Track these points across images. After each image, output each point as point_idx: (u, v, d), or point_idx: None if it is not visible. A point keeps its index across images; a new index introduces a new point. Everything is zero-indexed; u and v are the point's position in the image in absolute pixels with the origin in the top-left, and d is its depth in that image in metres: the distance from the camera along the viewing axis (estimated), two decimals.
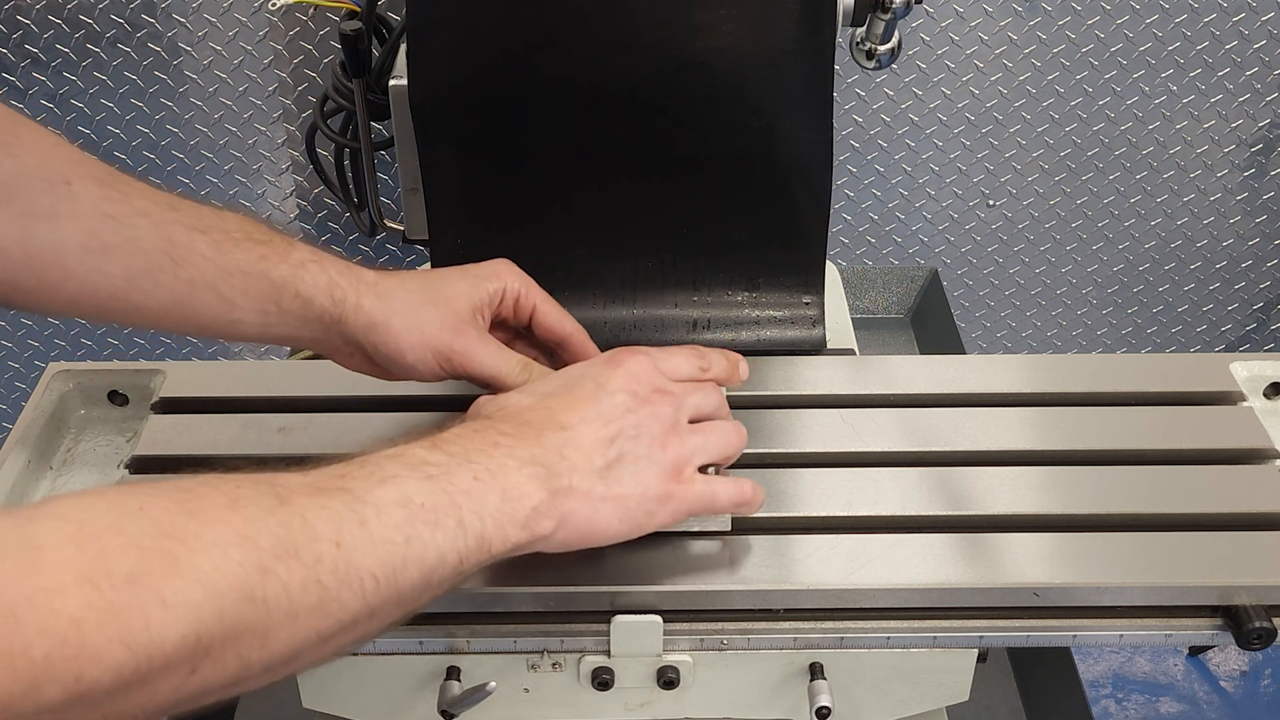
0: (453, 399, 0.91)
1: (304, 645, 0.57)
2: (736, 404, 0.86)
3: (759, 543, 0.80)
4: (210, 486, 0.57)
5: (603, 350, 0.88)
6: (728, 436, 0.77)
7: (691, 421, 0.76)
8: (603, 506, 0.70)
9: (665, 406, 0.74)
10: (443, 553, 0.62)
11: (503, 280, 0.84)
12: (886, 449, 0.88)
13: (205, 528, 0.54)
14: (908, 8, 0.98)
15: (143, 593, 0.51)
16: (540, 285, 0.87)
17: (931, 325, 1.60)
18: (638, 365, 0.75)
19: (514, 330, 0.89)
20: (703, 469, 0.75)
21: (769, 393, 0.93)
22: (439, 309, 0.80)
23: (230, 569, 0.54)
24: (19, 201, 0.73)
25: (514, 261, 0.87)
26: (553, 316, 0.86)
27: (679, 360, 0.79)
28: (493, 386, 0.81)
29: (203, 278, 0.76)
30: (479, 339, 0.81)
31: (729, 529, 0.79)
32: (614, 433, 0.71)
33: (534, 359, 0.86)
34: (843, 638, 0.79)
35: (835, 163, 1.01)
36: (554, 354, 0.89)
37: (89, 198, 0.75)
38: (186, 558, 0.53)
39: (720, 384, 0.81)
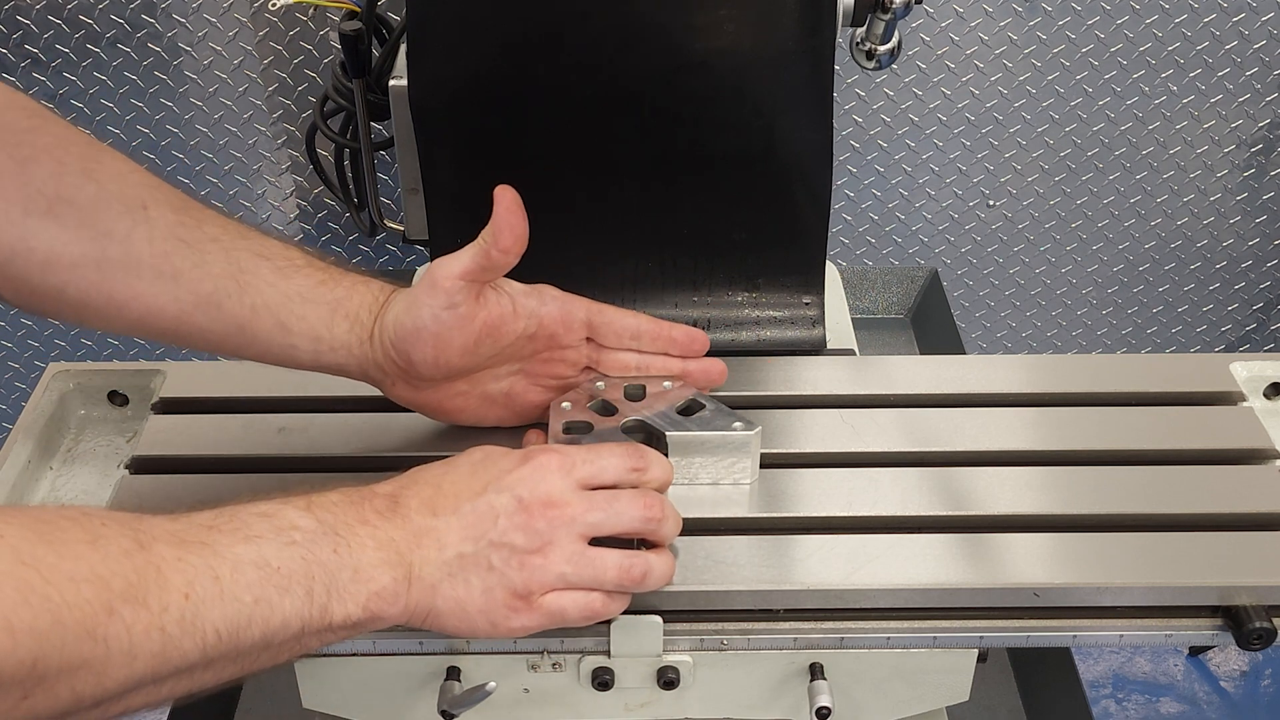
0: None
1: (140, 685, 0.59)
2: (737, 404, 0.87)
3: (759, 543, 0.80)
4: (72, 521, 0.58)
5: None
6: (603, 567, 0.71)
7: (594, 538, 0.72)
8: (443, 604, 0.70)
9: (542, 521, 0.70)
10: (287, 618, 0.63)
11: (529, 290, 0.83)
12: (886, 449, 0.88)
13: (63, 560, 0.56)
14: (908, 8, 0.98)
15: None
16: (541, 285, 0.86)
17: (931, 325, 1.60)
18: (542, 469, 0.72)
19: (573, 362, 0.87)
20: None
21: (769, 393, 0.93)
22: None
23: (79, 604, 0.55)
24: (98, 224, 0.76)
25: (514, 262, 0.87)
26: (610, 311, 0.86)
27: (609, 461, 0.74)
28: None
29: (264, 303, 0.79)
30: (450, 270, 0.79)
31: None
32: (477, 534, 0.70)
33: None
34: (843, 638, 0.79)
35: (835, 163, 1.01)
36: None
37: (164, 222, 0.78)
38: (40, 587, 0.54)
39: (658, 489, 0.76)
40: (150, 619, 0.58)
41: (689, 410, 0.84)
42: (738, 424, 0.83)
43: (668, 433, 0.82)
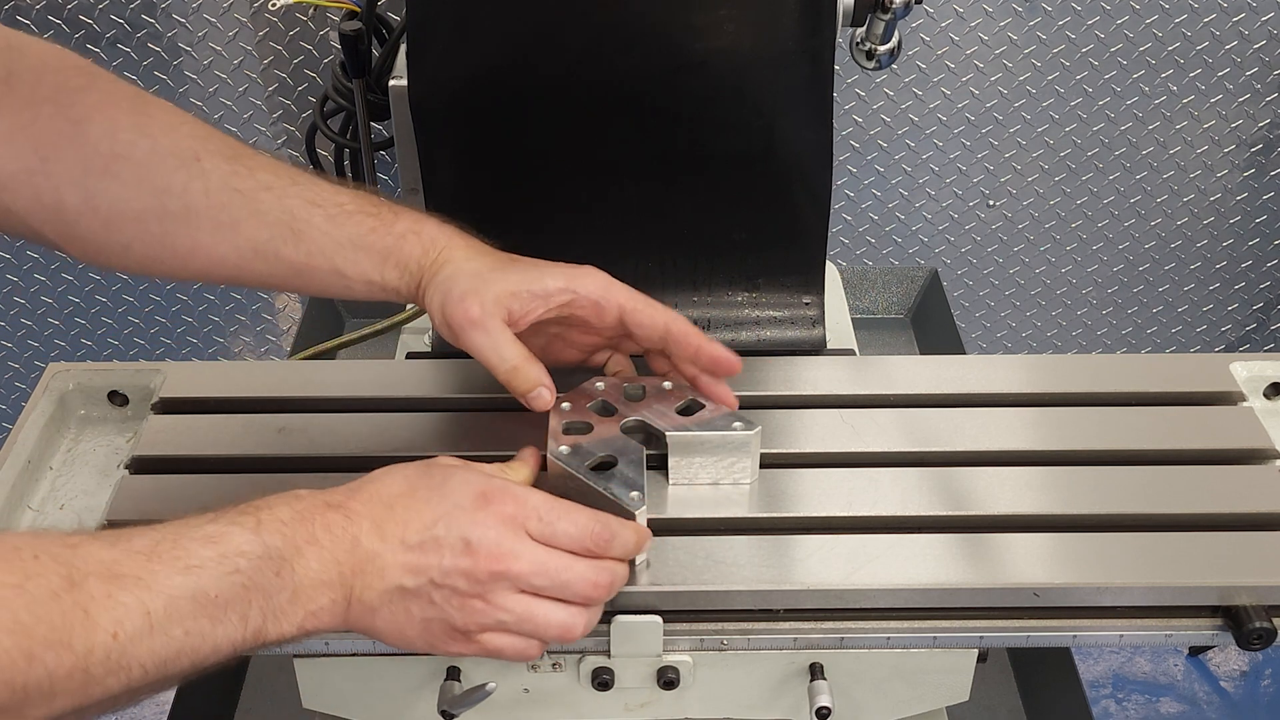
0: (450, 400, 0.91)
1: (60, 717, 0.58)
2: (738, 404, 0.87)
3: (759, 543, 0.80)
4: (3, 561, 0.57)
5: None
6: (544, 624, 0.71)
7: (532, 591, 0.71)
8: (381, 623, 0.70)
9: (484, 572, 0.69)
10: (218, 644, 0.63)
11: (572, 282, 0.82)
12: (886, 449, 0.88)
13: None
14: (908, 8, 0.98)
15: None
16: None
17: (931, 325, 1.60)
18: (496, 517, 0.70)
19: (609, 336, 0.87)
20: None
21: (769, 393, 0.93)
22: (469, 283, 0.80)
23: None
24: (155, 179, 0.79)
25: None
26: (643, 314, 0.84)
27: (565, 526, 0.72)
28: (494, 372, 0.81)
29: (320, 249, 0.81)
30: (483, 317, 0.79)
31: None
32: (421, 567, 0.69)
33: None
34: (843, 638, 0.79)
35: (835, 163, 1.01)
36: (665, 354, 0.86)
37: (218, 173, 0.80)
38: None
39: (622, 559, 0.74)
40: (74, 661, 0.57)
41: (689, 410, 0.84)
42: (737, 424, 0.83)
43: (667, 432, 0.82)
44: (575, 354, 0.89)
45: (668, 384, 0.86)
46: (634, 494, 0.77)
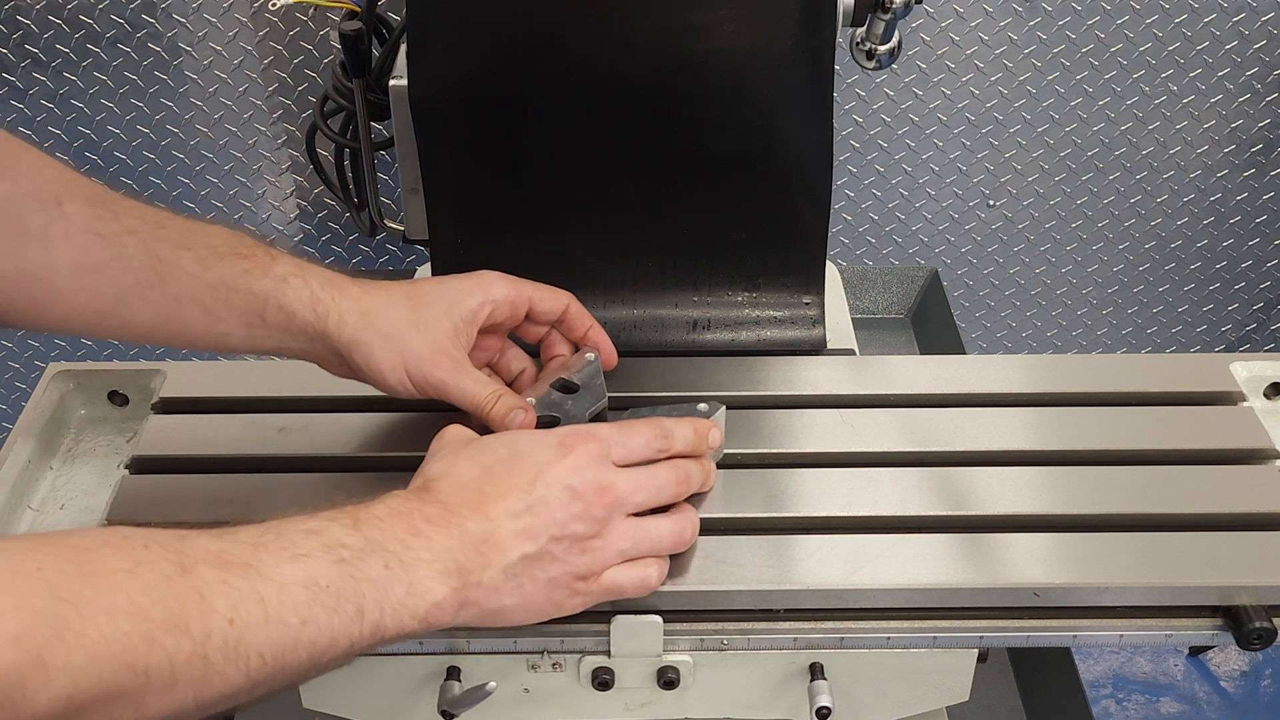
0: None
1: (180, 711, 0.58)
2: (737, 404, 0.86)
3: (759, 543, 0.80)
4: (113, 548, 0.57)
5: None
6: (659, 537, 0.75)
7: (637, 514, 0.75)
8: (508, 600, 0.70)
9: (599, 508, 0.72)
10: (335, 637, 0.63)
11: (488, 294, 0.84)
12: (886, 449, 0.88)
13: (101, 593, 0.55)
14: (908, 8, 0.98)
15: (24, 654, 0.52)
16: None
17: (931, 325, 1.60)
18: (585, 457, 0.73)
19: (506, 334, 0.90)
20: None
21: (769, 393, 0.93)
22: (420, 335, 0.81)
23: (117, 638, 0.54)
24: (13, 222, 0.75)
25: (514, 262, 0.87)
26: (548, 303, 0.87)
27: (637, 441, 0.76)
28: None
29: (189, 293, 0.78)
30: (455, 368, 0.82)
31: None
32: (538, 529, 0.70)
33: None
34: (843, 638, 0.79)
35: (835, 163, 1.01)
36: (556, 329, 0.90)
37: (80, 217, 0.76)
38: (75, 622, 0.53)
39: (689, 456, 0.79)
40: (193, 647, 0.57)
41: (565, 388, 0.87)
42: (591, 354, 0.88)
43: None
44: (478, 358, 0.88)
45: (531, 399, 0.86)
46: (701, 406, 0.83)
